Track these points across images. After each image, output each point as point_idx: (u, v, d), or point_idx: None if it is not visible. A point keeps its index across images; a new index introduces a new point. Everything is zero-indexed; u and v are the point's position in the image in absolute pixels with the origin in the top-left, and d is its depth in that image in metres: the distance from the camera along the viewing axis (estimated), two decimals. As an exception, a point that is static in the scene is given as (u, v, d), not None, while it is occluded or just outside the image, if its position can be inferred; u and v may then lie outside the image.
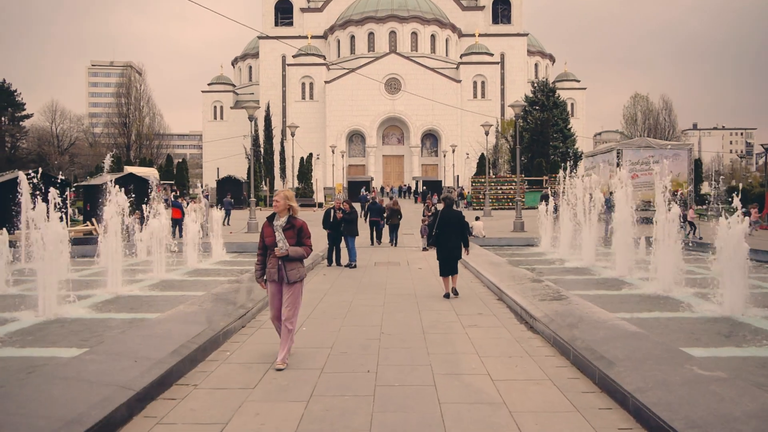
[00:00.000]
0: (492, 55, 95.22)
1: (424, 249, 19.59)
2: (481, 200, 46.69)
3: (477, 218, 24.09)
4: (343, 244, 15.71)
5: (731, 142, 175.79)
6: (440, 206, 12.39)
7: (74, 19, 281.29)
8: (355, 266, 15.11)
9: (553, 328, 6.88)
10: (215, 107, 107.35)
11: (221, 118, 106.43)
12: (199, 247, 17.58)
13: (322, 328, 8.04)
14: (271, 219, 6.50)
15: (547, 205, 19.94)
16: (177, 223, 24.32)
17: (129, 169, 48.81)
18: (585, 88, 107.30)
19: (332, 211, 15.48)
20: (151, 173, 46.60)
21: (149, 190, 25.19)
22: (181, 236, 24.75)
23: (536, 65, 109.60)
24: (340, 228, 15.30)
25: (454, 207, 12.09)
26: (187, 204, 25.69)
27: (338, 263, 15.62)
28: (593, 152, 39.26)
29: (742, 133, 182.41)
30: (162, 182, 51.12)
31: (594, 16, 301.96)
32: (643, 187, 32.83)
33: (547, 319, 7.30)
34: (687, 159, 33.38)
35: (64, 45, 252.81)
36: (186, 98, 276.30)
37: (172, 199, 27.29)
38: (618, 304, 9.75)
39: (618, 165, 33.09)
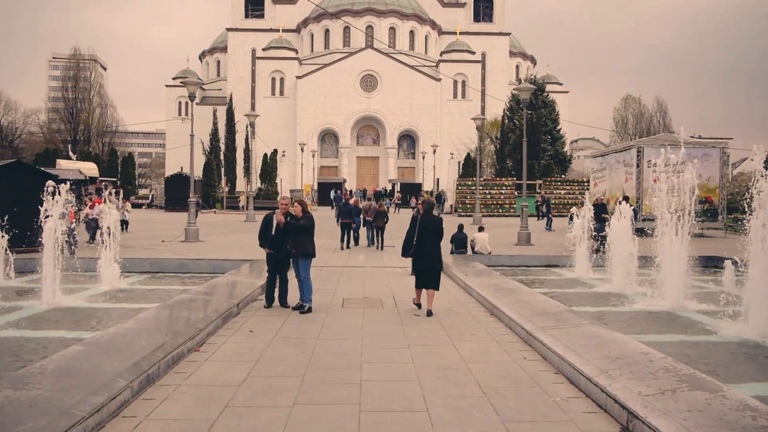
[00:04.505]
0: (473, 53, 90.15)
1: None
2: (468, 206, 41.08)
3: (480, 229, 18.31)
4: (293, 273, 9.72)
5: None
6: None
7: (42, 13, 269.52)
8: (308, 310, 9.13)
9: None
10: (180, 103, 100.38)
11: (186, 114, 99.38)
12: (75, 268, 11.51)
13: None
14: None
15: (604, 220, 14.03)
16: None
17: (61, 163, 42.24)
18: (568, 92, 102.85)
19: (273, 217, 9.50)
20: (83, 167, 40.13)
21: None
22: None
23: (517, 66, 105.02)
24: (286, 244, 9.34)
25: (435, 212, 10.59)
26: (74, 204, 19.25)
27: (283, 303, 9.62)
28: (604, 151, 33.80)
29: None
30: (102, 179, 44.54)
31: (572, 23, 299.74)
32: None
33: None
34: (719, 160, 28.05)
35: (27, 39, 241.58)
36: (154, 97, 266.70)
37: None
38: None
39: (638, 166, 27.69)
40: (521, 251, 19.85)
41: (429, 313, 9.05)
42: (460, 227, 17.78)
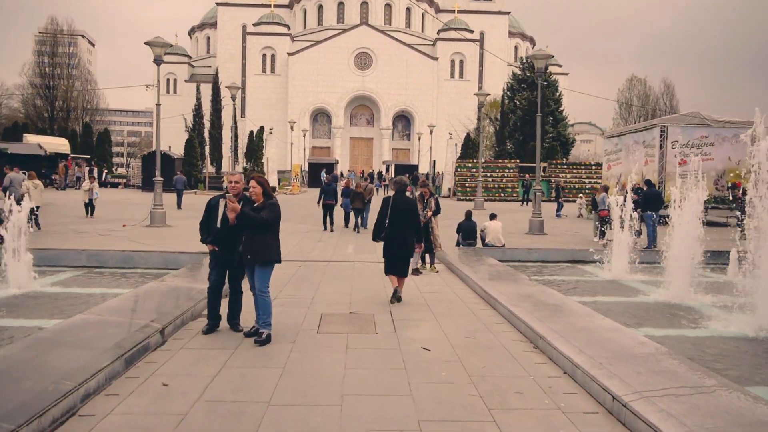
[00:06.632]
0: (472, 32, 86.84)
1: (416, 271, 10.96)
2: (468, 189, 38.24)
3: (492, 216, 15.42)
4: (247, 285, 6.79)
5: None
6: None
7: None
8: (267, 339, 6.22)
9: None
10: (168, 80, 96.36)
11: (174, 92, 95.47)
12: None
13: None
14: None
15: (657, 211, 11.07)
16: None
17: (27, 138, 39.14)
18: (567, 74, 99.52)
19: (220, 202, 6.58)
20: (50, 143, 37.09)
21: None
22: None
23: (516, 47, 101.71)
24: (239, 240, 6.42)
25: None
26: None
27: (233, 325, 6.69)
28: (621, 131, 30.81)
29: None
30: (74, 156, 41.43)
31: (572, 5, 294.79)
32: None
33: None
34: (750, 142, 25.26)
35: (17, 15, 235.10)
36: (146, 76, 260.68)
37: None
38: None
39: (661, 147, 24.87)
40: (537, 242, 17.07)
41: (398, 299, 8.57)
42: (468, 214, 14.90)
